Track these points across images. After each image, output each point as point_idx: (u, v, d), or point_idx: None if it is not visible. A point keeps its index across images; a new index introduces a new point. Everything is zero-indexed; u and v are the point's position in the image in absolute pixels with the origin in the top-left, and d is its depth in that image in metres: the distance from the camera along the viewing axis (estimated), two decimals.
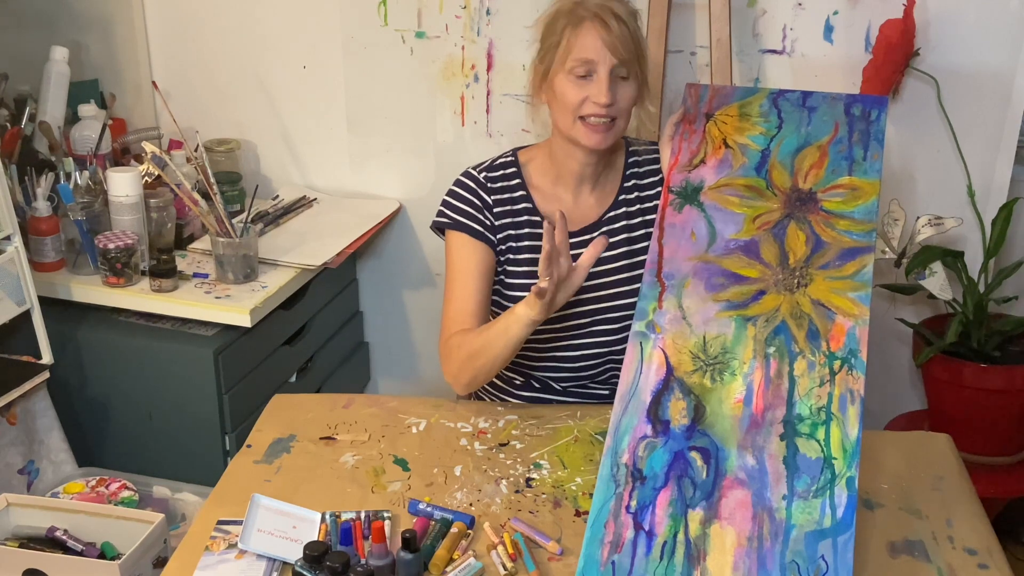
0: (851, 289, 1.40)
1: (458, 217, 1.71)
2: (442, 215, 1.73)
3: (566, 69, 1.58)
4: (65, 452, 2.06)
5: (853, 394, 1.32)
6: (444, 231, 1.73)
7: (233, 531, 1.34)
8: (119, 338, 2.09)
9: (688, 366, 1.38)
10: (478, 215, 1.70)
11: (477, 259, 1.70)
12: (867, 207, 1.48)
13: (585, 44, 1.57)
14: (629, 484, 1.28)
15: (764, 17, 2.18)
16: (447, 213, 1.72)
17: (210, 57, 2.53)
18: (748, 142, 1.59)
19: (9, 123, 2.16)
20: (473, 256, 1.70)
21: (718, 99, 1.66)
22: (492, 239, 1.70)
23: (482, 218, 1.70)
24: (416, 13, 2.36)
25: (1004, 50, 2.08)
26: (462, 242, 1.70)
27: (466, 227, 1.70)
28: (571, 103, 1.59)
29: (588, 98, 1.58)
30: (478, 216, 1.70)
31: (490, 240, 1.70)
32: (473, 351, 1.60)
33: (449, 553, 1.29)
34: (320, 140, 2.54)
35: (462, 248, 1.70)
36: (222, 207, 2.07)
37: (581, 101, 1.58)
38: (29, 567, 1.63)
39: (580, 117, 1.60)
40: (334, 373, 2.51)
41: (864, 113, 1.58)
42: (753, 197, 1.53)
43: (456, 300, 1.68)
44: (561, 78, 1.60)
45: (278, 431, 1.59)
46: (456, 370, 1.64)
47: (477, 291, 1.69)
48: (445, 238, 1.74)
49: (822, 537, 1.21)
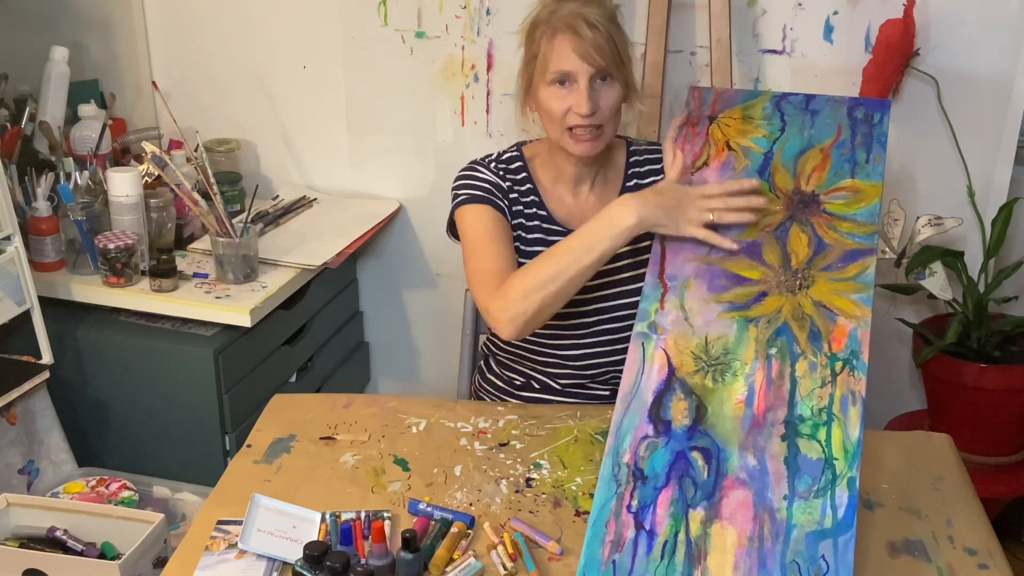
0: (853, 291, 1.41)
1: (477, 192, 1.66)
2: (458, 197, 1.68)
3: (547, 80, 1.58)
4: (65, 452, 2.06)
5: (854, 395, 1.32)
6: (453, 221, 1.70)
7: (233, 531, 1.34)
8: (119, 338, 2.09)
9: (690, 367, 1.38)
10: (497, 192, 1.68)
11: (503, 226, 1.65)
12: (869, 209, 1.48)
13: (561, 55, 1.56)
14: (630, 484, 1.28)
15: (764, 17, 2.18)
16: (463, 192, 1.67)
17: (210, 57, 2.53)
18: (751, 145, 1.59)
19: (9, 123, 2.16)
20: (499, 223, 1.65)
21: (721, 102, 1.66)
22: (510, 221, 1.69)
23: (501, 196, 1.68)
24: (416, 13, 2.36)
25: (1004, 50, 2.08)
26: (482, 210, 1.65)
27: (488, 200, 1.66)
28: (555, 114, 1.59)
29: (571, 108, 1.57)
30: (497, 194, 1.68)
31: (508, 218, 1.68)
32: (547, 276, 1.49)
33: (449, 553, 1.29)
34: (320, 140, 2.54)
35: (484, 215, 1.64)
36: (222, 207, 2.07)
37: (565, 112, 1.58)
38: (29, 567, 1.63)
39: (567, 128, 1.59)
40: (334, 373, 2.51)
41: (867, 116, 1.58)
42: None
43: (492, 257, 1.59)
44: (543, 89, 1.59)
45: (278, 431, 1.59)
46: (517, 306, 1.50)
47: (509, 252, 1.62)
48: (460, 216, 1.67)
49: (823, 537, 1.21)
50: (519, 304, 1.51)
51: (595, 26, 1.55)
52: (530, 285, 1.50)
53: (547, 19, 1.58)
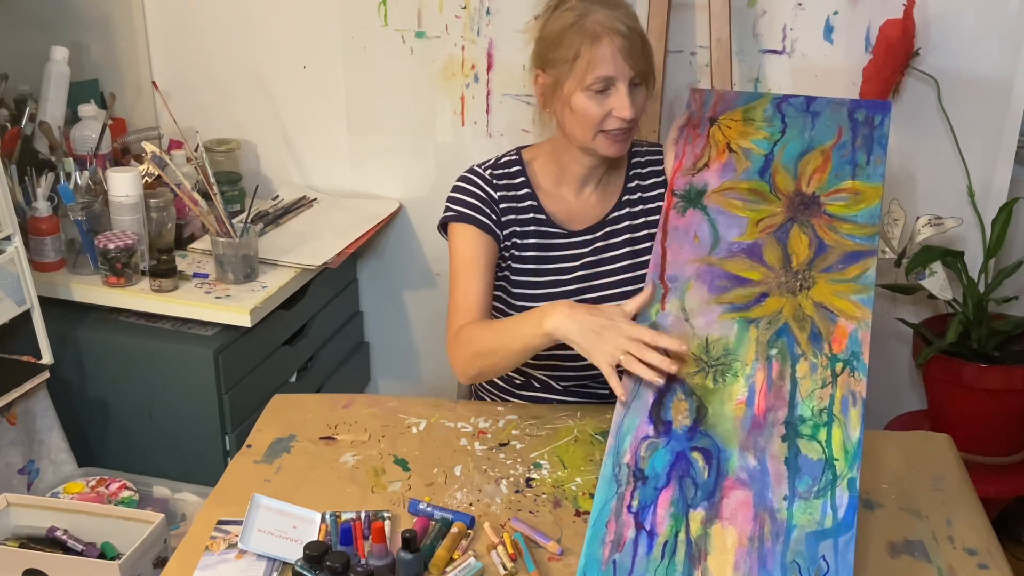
0: (853, 292, 1.41)
1: (464, 210, 1.70)
2: (448, 210, 1.71)
3: (585, 85, 1.56)
4: (65, 452, 2.06)
5: (855, 396, 1.32)
6: (447, 227, 1.72)
7: (233, 531, 1.34)
8: (119, 338, 2.09)
9: (691, 367, 1.38)
10: (485, 208, 1.69)
11: (482, 250, 1.68)
12: (870, 211, 1.48)
13: (605, 61, 1.55)
14: (631, 484, 1.28)
15: (764, 17, 2.18)
16: (452, 207, 1.71)
17: (210, 57, 2.53)
18: (752, 146, 1.59)
19: (9, 123, 2.16)
20: (478, 247, 1.68)
21: (722, 104, 1.66)
22: (498, 234, 1.70)
23: (488, 211, 1.69)
24: (416, 13, 2.36)
25: (1004, 50, 2.08)
26: (468, 233, 1.69)
27: (472, 219, 1.69)
28: (593, 119, 1.58)
29: (611, 113, 1.57)
30: (484, 210, 1.69)
31: (496, 234, 1.69)
32: (485, 349, 1.58)
33: (449, 553, 1.29)
34: (320, 140, 2.54)
35: (467, 240, 1.69)
36: (222, 207, 2.07)
37: (604, 116, 1.57)
38: (29, 567, 1.63)
39: (601, 130, 1.59)
40: (334, 373, 2.51)
41: (867, 118, 1.59)
42: (756, 201, 1.53)
43: (463, 291, 1.67)
44: (579, 94, 1.57)
45: (278, 431, 1.59)
46: (464, 363, 1.62)
47: (483, 282, 1.67)
48: (449, 231, 1.72)
49: (823, 537, 1.22)
50: (465, 361, 1.62)
51: (633, 29, 1.56)
52: (474, 351, 1.60)
53: (578, 24, 1.56)
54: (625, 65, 1.55)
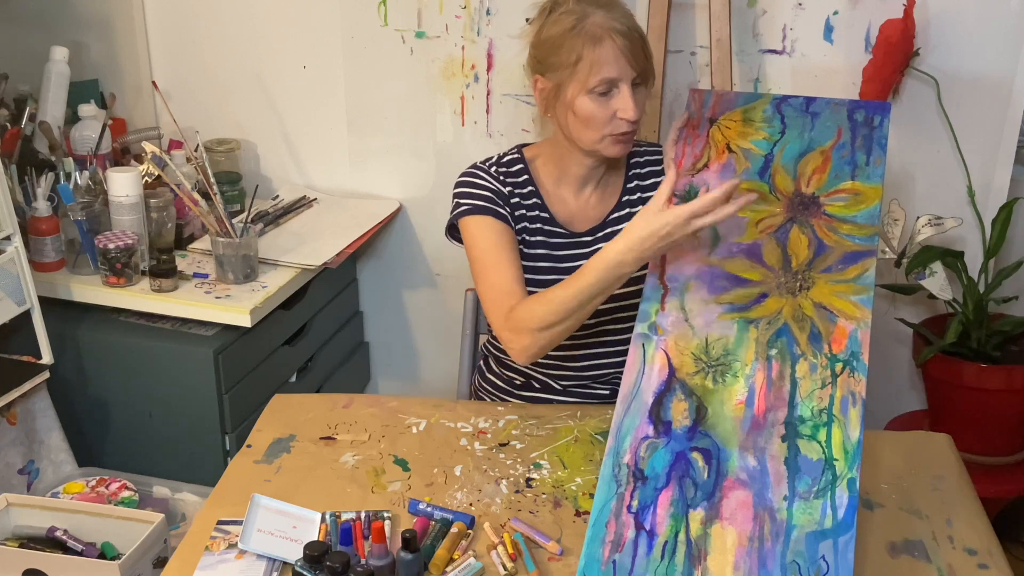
0: (853, 292, 1.41)
1: (479, 202, 1.66)
2: (460, 206, 1.68)
3: (588, 88, 1.56)
4: (65, 452, 2.06)
5: (854, 396, 1.32)
6: (457, 225, 1.69)
7: (233, 531, 1.34)
8: (119, 338, 2.09)
9: (690, 368, 1.38)
10: (499, 200, 1.67)
11: (507, 237, 1.65)
12: (869, 211, 1.48)
13: (608, 63, 1.54)
14: (631, 484, 1.28)
15: (764, 17, 2.18)
16: (465, 202, 1.67)
17: (210, 57, 2.53)
18: (751, 147, 1.59)
19: (9, 123, 2.16)
20: (503, 234, 1.65)
21: (721, 104, 1.66)
22: (514, 227, 1.68)
23: (502, 203, 1.67)
24: (416, 13, 2.36)
25: (1004, 50, 2.08)
26: (486, 223, 1.65)
27: (489, 210, 1.66)
28: (599, 121, 1.57)
29: (615, 115, 1.56)
30: (498, 201, 1.67)
31: (512, 226, 1.68)
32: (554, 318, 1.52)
33: (449, 553, 1.30)
34: (320, 140, 2.54)
35: (487, 228, 1.65)
36: (222, 207, 2.07)
37: (609, 119, 1.57)
38: (29, 567, 1.63)
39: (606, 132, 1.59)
40: (334, 373, 2.51)
41: (867, 119, 1.59)
42: (756, 201, 1.53)
43: (498, 276, 1.61)
44: (582, 97, 1.57)
45: (278, 431, 1.59)
46: (529, 341, 1.56)
47: (515, 265, 1.63)
48: (464, 227, 1.67)
49: (823, 538, 1.22)
50: (530, 339, 1.56)
51: (633, 29, 1.56)
52: (538, 324, 1.54)
53: (578, 27, 1.55)
54: (627, 66, 1.55)
